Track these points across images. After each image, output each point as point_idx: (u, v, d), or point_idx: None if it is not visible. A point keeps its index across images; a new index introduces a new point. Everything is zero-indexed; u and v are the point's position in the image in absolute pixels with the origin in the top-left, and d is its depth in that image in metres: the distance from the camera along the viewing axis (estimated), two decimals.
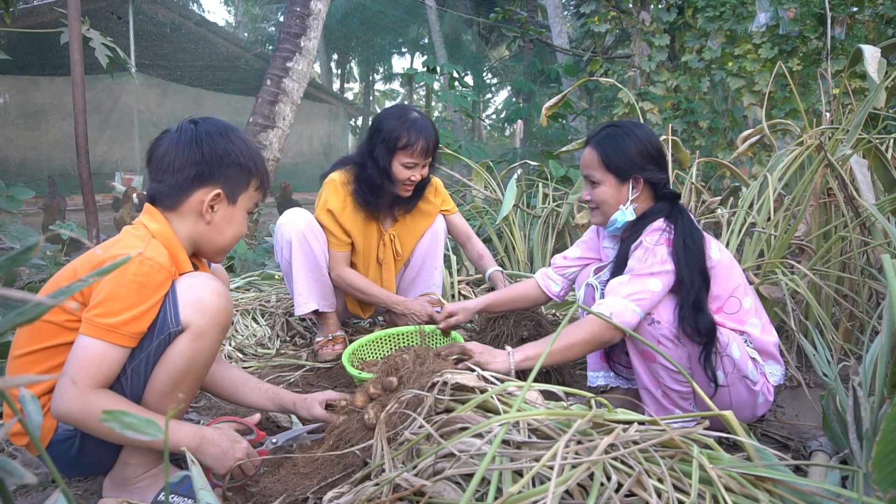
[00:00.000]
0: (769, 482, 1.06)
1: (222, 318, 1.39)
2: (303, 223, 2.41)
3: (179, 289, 1.35)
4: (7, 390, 0.60)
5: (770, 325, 1.83)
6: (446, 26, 15.09)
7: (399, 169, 2.36)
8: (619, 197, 1.85)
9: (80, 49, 3.13)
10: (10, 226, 2.47)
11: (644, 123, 1.95)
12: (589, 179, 1.90)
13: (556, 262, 2.17)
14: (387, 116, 2.38)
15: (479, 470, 0.90)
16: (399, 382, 1.40)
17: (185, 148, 1.44)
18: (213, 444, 1.36)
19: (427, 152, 2.36)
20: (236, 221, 1.52)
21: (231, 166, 1.46)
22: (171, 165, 1.44)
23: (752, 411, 1.75)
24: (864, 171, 2.37)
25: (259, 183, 1.53)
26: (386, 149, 2.34)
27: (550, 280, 2.15)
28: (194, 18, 13.97)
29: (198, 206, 1.45)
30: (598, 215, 1.92)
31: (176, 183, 1.44)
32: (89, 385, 1.23)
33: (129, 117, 12.96)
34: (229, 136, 1.48)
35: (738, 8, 6.04)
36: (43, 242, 0.63)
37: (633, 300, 1.63)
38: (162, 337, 1.32)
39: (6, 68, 10.86)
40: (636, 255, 1.71)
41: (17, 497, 1.50)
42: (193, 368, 1.37)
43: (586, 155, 1.90)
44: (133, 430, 0.70)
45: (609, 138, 1.85)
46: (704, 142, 6.38)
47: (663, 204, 1.84)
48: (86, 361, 1.24)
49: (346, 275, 2.49)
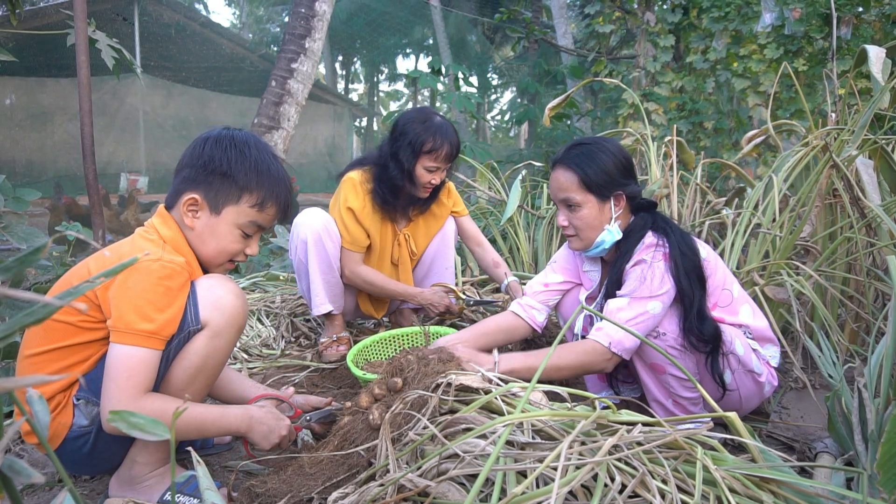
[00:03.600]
0: (774, 484, 1.06)
1: (239, 319, 1.42)
2: (319, 224, 2.42)
3: (199, 288, 1.39)
4: (16, 395, 0.61)
5: (758, 308, 1.83)
6: (451, 27, 15.09)
7: (422, 172, 2.39)
8: (602, 217, 1.75)
9: (86, 51, 3.14)
10: (17, 227, 2.48)
11: (608, 137, 1.90)
12: (565, 203, 1.77)
13: (534, 289, 2.01)
14: (411, 120, 2.40)
15: (483, 470, 0.90)
16: (404, 383, 1.40)
17: (190, 150, 1.47)
18: (260, 423, 1.44)
19: (450, 157, 2.40)
20: (220, 234, 1.46)
21: (214, 174, 1.43)
22: (177, 167, 1.48)
23: (759, 399, 1.78)
24: (869, 172, 2.37)
25: (256, 200, 1.46)
26: (412, 152, 2.36)
27: (534, 310, 1.98)
28: (199, 20, 14.01)
29: (181, 209, 1.45)
30: (578, 241, 1.80)
31: (174, 183, 1.48)
32: (140, 392, 1.26)
33: (134, 118, 13.00)
34: (235, 146, 1.45)
35: (744, 8, 6.02)
36: (51, 244, 0.64)
37: (634, 325, 1.60)
38: (182, 335, 1.35)
39: (13, 70, 10.92)
40: (634, 274, 1.67)
41: (24, 496, 1.51)
42: (209, 366, 1.40)
43: (560, 177, 1.76)
44: (140, 430, 0.70)
45: (583, 156, 1.73)
46: (709, 142, 6.37)
47: (643, 216, 1.78)
48: (132, 370, 1.25)
49: (363, 271, 2.50)
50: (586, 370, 1.65)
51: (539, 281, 2.03)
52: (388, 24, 17.72)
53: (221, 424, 1.40)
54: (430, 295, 2.51)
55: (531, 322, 1.98)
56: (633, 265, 1.69)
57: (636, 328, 1.60)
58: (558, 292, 2.01)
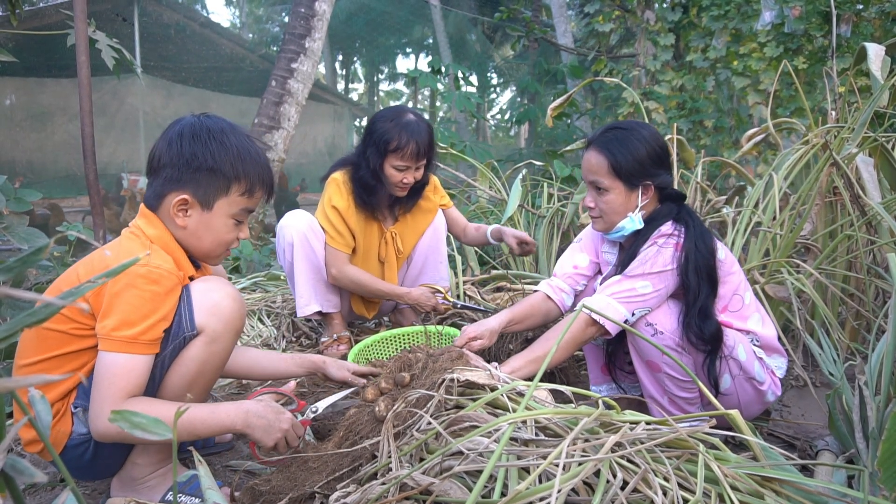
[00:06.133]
0: (775, 482, 1.06)
1: (237, 323, 1.39)
2: (304, 225, 2.42)
3: (194, 292, 1.35)
4: (18, 393, 0.61)
5: (767, 316, 1.82)
6: (451, 26, 15.09)
7: (391, 171, 2.37)
8: (628, 205, 1.73)
9: (86, 51, 3.14)
10: (18, 227, 2.48)
11: (646, 122, 1.89)
12: (594, 185, 1.75)
13: (564, 271, 1.98)
14: (381, 118, 2.39)
15: (486, 468, 0.90)
16: (411, 379, 1.40)
17: (165, 147, 1.42)
18: (258, 417, 1.35)
19: (419, 155, 2.35)
20: (215, 228, 1.44)
21: (200, 171, 1.39)
22: (153, 165, 1.43)
23: (759, 408, 1.76)
24: (870, 170, 2.37)
25: (245, 188, 1.44)
26: (377, 151, 2.35)
27: (563, 293, 1.95)
28: (199, 20, 14.00)
29: (171, 211, 1.41)
30: (601, 223, 1.80)
31: (155, 184, 1.43)
32: (121, 398, 1.23)
33: (134, 119, 12.99)
34: (214, 137, 1.41)
35: (743, 6, 6.03)
36: (52, 245, 0.64)
37: (617, 298, 1.61)
38: (177, 341, 1.33)
39: (12, 70, 10.91)
40: (640, 255, 1.67)
41: (26, 496, 1.51)
42: (206, 371, 1.38)
43: (591, 159, 1.74)
44: (141, 430, 0.70)
45: (617, 142, 1.71)
46: (710, 141, 6.37)
47: (669, 206, 1.76)
48: (114, 376, 1.24)
49: (348, 270, 2.49)
50: (577, 341, 1.65)
51: (568, 262, 2.00)
52: (387, 23, 17.72)
53: (212, 423, 1.33)
54: (416, 295, 2.50)
55: (561, 304, 1.95)
56: (645, 248, 1.68)
57: (620, 303, 1.60)
58: (585, 277, 1.98)
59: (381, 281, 2.56)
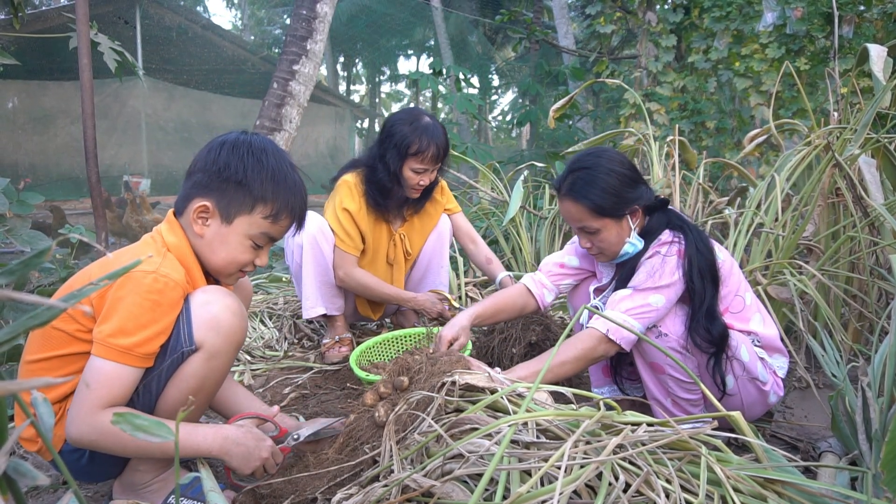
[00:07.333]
0: (778, 483, 1.06)
1: (237, 338, 1.36)
2: (314, 227, 2.42)
3: (193, 305, 1.31)
4: (20, 394, 0.61)
5: (769, 316, 1.82)
6: (452, 28, 15.09)
7: (409, 174, 2.38)
8: (623, 234, 1.74)
9: (88, 54, 3.15)
10: (21, 229, 2.49)
11: (607, 147, 1.87)
12: (584, 231, 1.76)
13: (549, 269, 2.00)
14: (399, 121, 2.39)
15: (487, 470, 0.90)
16: (410, 382, 1.40)
17: (205, 153, 1.41)
18: (237, 444, 1.32)
19: (437, 158, 2.39)
20: (231, 245, 1.40)
21: (229, 182, 1.37)
22: (189, 169, 1.42)
23: (762, 408, 1.76)
24: (872, 171, 2.36)
25: (270, 211, 1.39)
26: (397, 154, 2.36)
27: (545, 289, 1.98)
28: (201, 22, 14.01)
29: (191, 216, 1.39)
30: (604, 257, 1.81)
31: (185, 186, 1.42)
32: (98, 406, 1.20)
33: (136, 121, 13.00)
34: (253, 153, 1.39)
35: (745, 8, 6.03)
36: (55, 247, 0.64)
37: (632, 315, 1.60)
38: (175, 356, 1.30)
39: (15, 73, 10.93)
40: (645, 266, 1.67)
41: (28, 499, 1.51)
42: (206, 387, 1.36)
43: (570, 209, 1.74)
44: (144, 432, 0.70)
45: (586, 184, 1.69)
46: (711, 142, 6.37)
47: (658, 215, 1.77)
48: (97, 383, 1.20)
49: (356, 273, 2.49)
50: (588, 358, 1.63)
51: (555, 261, 2.01)
52: (389, 25, 17.72)
53: (187, 445, 1.27)
54: (423, 300, 2.50)
55: (540, 300, 1.98)
56: (647, 258, 1.68)
57: (636, 319, 1.59)
58: (572, 277, 1.99)
59: (388, 285, 2.56)
